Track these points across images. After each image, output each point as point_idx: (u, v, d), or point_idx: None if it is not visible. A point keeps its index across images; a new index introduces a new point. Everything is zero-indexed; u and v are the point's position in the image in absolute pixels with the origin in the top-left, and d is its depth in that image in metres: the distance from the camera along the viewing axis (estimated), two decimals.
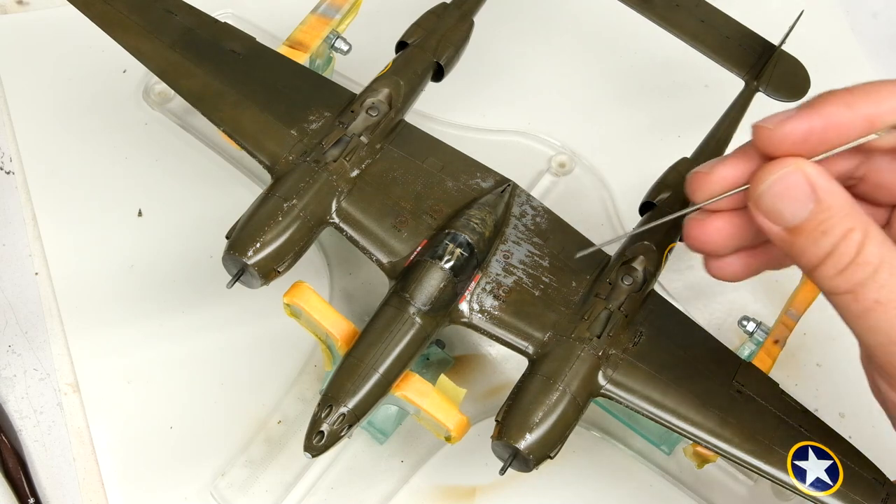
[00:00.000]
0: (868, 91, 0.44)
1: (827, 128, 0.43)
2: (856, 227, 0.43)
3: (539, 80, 0.77)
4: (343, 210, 0.55)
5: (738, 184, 0.46)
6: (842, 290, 0.43)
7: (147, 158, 0.70)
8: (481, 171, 0.57)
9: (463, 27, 0.62)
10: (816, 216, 0.43)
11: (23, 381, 0.62)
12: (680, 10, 0.66)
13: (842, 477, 0.49)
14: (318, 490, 0.60)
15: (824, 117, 0.43)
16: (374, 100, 0.57)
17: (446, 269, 0.52)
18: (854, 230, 0.43)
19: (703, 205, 0.47)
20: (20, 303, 0.65)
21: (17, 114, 0.71)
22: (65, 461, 0.60)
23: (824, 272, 0.44)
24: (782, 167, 0.43)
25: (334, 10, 0.65)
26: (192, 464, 0.60)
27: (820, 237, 0.43)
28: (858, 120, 0.43)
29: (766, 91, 0.64)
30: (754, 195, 0.44)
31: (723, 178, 0.46)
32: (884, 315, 0.43)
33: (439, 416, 0.51)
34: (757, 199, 0.44)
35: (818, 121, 0.43)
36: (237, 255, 0.51)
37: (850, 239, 0.43)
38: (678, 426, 0.51)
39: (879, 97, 0.43)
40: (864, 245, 0.43)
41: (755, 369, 0.53)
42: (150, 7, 0.60)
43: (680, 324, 0.54)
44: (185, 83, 0.58)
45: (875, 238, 0.43)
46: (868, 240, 0.43)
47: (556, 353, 0.51)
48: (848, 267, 0.43)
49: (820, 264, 0.44)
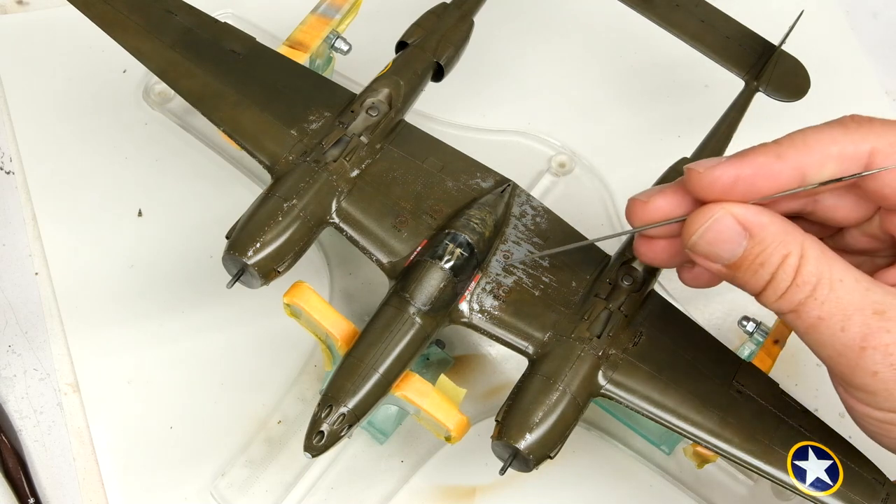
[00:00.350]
0: (796, 141, 0.45)
1: (756, 176, 0.45)
2: (791, 252, 0.45)
3: (539, 80, 0.77)
4: (343, 210, 0.55)
5: (673, 215, 0.47)
6: (785, 310, 0.45)
7: (147, 158, 0.70)
8: (481, 171, 0.57)
9: (463, 27, 0.62)
10: (752, 250, 0.45)
11: (23, 381, 0.62)
12: (680, 10, 0.66)
13: (842, 477, 0.49)
14: (318, 490, 0.60)
15: (754, 167, 0.45)
16: (374, 100, 0.57)
17: (446, 269, 0.52)
18: (790, 255, 0.45)
19: (639, 230, 0.48)
20: (20, 303, 0.65)
21: (17, 114, 0.71)
22: (65, 461, 0.60)
23: (767, 298, 0.46)
24: (711, 213, 0.45)
25: (334, 10, 0.65)
26: (192, 464, 0.60)
27: (758, 269, 0.45)
28: (788, 170, 0.45)
29: (766, 91, 0.64)
30: (689, 242, 0.46)
31: (657, 209, 0.47)
32: (827, 330, 0.44)
33: (439, 416, 0.51)
34: (692, 245, 0.46)
35: (747, 169, 0.45)
36: (237, 255, 0.51)
37: (787, 264, 0.44)
38: (678, 426, 0.51)
39: (807, 148, 0.45)
40: (801, 267, 0.44)
41: (755, 369, 0.53)
42: (150, 7, 0.60)
43: (680, 324, 0.54)
44: (185, 83, 0.58)
45: (811, 257, 0.45)
46: (804, 260, 0.44)
47: (556, 353, 0.51)
48: (788, 290, 0.45)
49: (762, 291, 0.45)
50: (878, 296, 0.44)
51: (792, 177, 0.45)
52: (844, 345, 0.44)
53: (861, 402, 0.46)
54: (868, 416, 0.47)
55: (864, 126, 0.45)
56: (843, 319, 0.44)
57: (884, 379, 0.44)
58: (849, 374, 0.45)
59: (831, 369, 0.47)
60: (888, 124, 0.46)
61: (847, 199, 0.48)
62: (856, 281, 0.45)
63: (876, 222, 0.49)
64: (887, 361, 0.44)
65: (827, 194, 0.48)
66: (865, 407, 0.46)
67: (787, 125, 0.49)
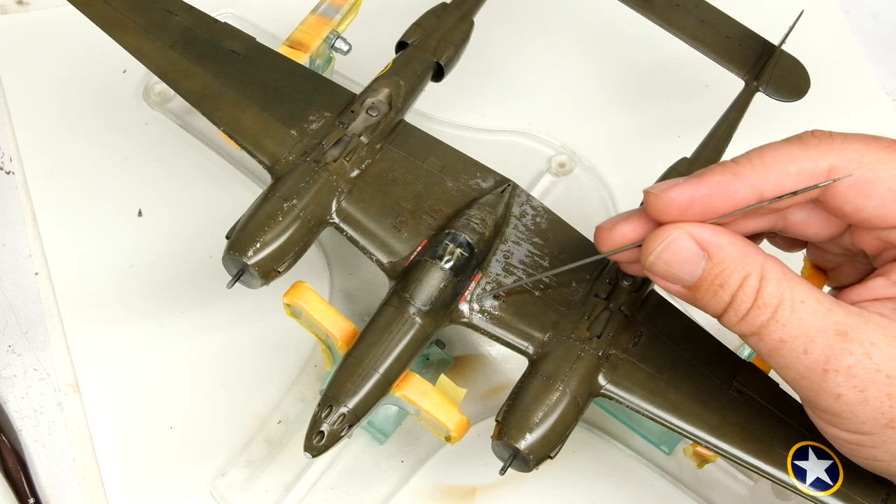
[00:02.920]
0: (754, 160, 0.45)
1: (712, 196, 0.45)
2: (751, 273, 0.44)
3: (539, 80, 0.77)
4: (343, 210, 0.55)
5: (640, 239, 0.47)
6: (747, 333, 0.45)
7: (147, 158, 0.70)
8: (481, 171, 0.57)
9: (463, 27, 0.62)
10: (711, 271, 0.45)
11: (23, 381, 0.62)
12: (680, 10, 0.66)
13: (842, 477, 0.49)
14: (318, 490, 0.60)
15: (710, 186, 0.45)
16: (374, 100, 0.57)
17: (446, 269, 0.52)
18: (750, 276, 0.44)
19: (607, 255, 0.49)
20: (20, 303, 0.65)
21: (17, 114, 0.71)
22: (65, 461, 0.60)
23: (728, 320, 0.45)
24: (667, 234, 0.45)
25: (334, 10, 0.65)
26: (192, 464, 0.60)
27: (718, 290, 0.45)
28: (745, 189, 0.45)
29: (766, 91, 0.64)
30: (647, 263, 0.46)
31: (622, 235, 0.47)
32: (790, 353, 0.44)
33: (439, 416, 0.51)
34: (650, 266, 0.46)
35: (703, 189, 0.45)
36: (237, 255, 0.51)
37: (747, 285, 0.44)
38: (678, 426, 0.51)
39: (765, 166, 0.45)
40: (762, 288, 0.44)
41: (755, 369, 0.53)
42: (150, 7, 0.60)
43: (680, 324, 0.54)
44: (185, 83, 0.58)
45: (771, 278, 0.44)
46: (765, 282, 0.44)
47: (556, 353, 0.51)
48: (749, 312, 0.44)
49: (723, 313, 0.45)
50: (840, 316, 0.44)
51: (749, 196, 0.45)
52: (807, 367, 0.44)
53: (828, 424, 0.46)
54: (836, 438, 0.46)
55: (823, 142, 0.45)
56: (805, 342, 0.43)
57: (848, 401, 0.44)
58: (813, 397, 0.45)
59: (797, 391, 0.46)
60: (848, 139, 0.45)
61: (816, 215, 0.48)
62: (817, 302, 0.44)
63: (848, 237, 0.48)
64: (850, 384, 0.43)
65: (796, 210, 0.48)
66: (833, 428, 0.46)
67: (787, 125, 0.49)
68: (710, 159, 0.60)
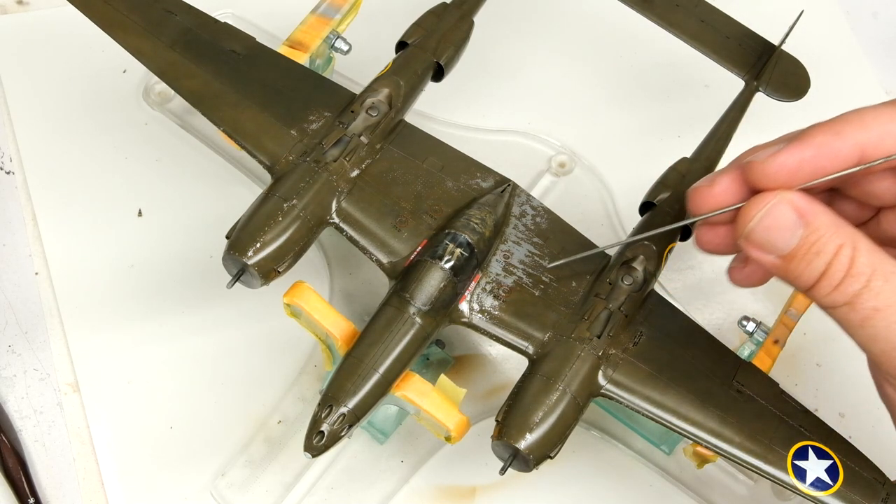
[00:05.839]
0: (853, 119, 0.45)
1: (818, 156, 0.44)
2: (845, 243, 0.44)
3: (539, 80, 0.77)
4: (343, 210, 0.55)
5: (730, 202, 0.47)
6: (839, 303, 0.45)
7: (147, 158, 0.70)
8: (481, 171, 0.57)
9: (463, 27, 0.62)
10: (807, 239, 0.44)
11: (23, 381, 0.62)
12: (680, 10, 0.66)
13: (842, 477, 0.49)
14: (318, 490, 0.60)
15: (815, 147, 0.44)
16: (374, 100, 0.57)
17: (446, 268, 0.52)
18: (844, 245, 0.44)
19: (699, 219, 0.48)
20: (20, 303, 0.65)
21: (17, 114, 0.71)
22: (65, 461, 0.60)
23: (821, 290, 0.45)
24: (766, 201, 0.45)
25: (334, 10, 0.65)
26: (192, 464, 0.60)
27: (813, 258, 0.44)
28: (848, 147, 0.44)
29: (766, 91, 0.64)
30: (744, 232, 0.45)
31: (724, 192, 0.47)
32: (882, 321, 0.44)
33: (439, 416, 0.51)
34: (748, 234, 0.45)
35: (809, 151, 0.44)
36: (237, 255, 0.51)
37: (842, 254, 0.44)
38: (678, 426, 0.51)
39: (864, 124, 0.45)
40: (855, 258, 0.44)
41: (755, 369, 0.53)
42: (150, 7, 0.60)
43: (680, 324, 0.54)
44: (185, 83, 0.58)
45: (864, 249, 0.44)
46: (858, 252, 0.44)
47: (556, 353, 0.51)
48: (843, 281, 0.44)
49: (816, 283, 0.45)
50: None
51: (851, 155, 0.44)
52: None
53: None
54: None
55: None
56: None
57: None
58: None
59: (882, 365, 0.45)
60: None
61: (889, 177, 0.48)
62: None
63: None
64: None
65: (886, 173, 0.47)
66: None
67: (788, 125, 0.49)
68: (711, 159, 0.60)
